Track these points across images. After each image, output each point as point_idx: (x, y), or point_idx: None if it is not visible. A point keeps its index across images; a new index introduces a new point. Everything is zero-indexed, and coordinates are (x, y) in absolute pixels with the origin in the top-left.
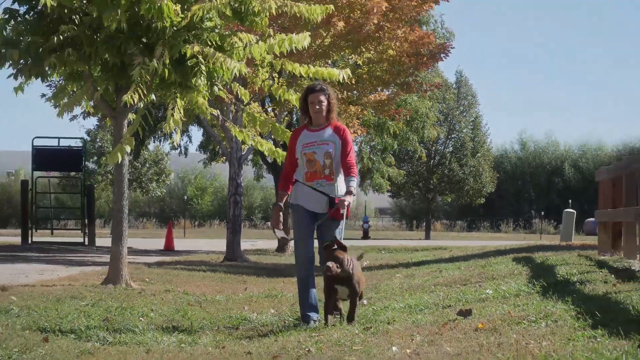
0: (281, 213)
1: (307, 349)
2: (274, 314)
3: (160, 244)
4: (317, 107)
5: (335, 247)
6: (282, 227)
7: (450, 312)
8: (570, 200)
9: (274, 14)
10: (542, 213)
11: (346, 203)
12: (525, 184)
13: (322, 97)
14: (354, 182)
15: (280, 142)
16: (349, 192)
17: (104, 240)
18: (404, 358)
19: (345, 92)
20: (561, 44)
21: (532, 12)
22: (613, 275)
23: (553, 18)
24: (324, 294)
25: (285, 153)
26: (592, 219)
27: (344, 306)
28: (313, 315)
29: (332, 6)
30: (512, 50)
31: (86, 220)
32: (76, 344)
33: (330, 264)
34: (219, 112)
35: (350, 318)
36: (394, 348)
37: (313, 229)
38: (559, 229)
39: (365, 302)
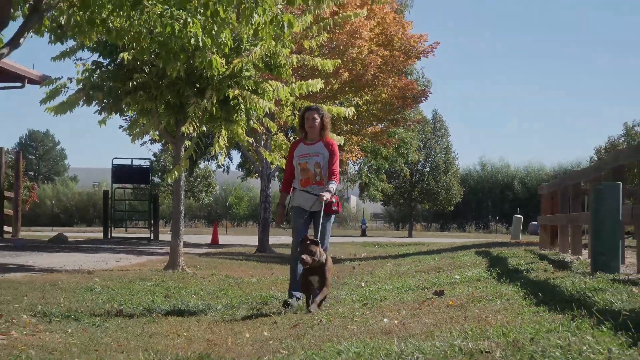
0: (283, 210)
1: (319, 320)
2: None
3: (207, 239)
4: (311, 122)
5: (309, 242)
6: (284, 223)
7: (428, 293)
8: (518, 208)
9: (295, 66)
10: (497, 218)
11: (324, 198)
12: (484, 196)
13: (316, 115)
14: (334, 185)
15: None
16: (327, 190)
17: (165, 236)
18: (393, 327)
19: (349, 125)
20: (514, 86)
21: (494, 67)
22: (551, 266)
23: (511, 70)
24: (301, 286)
25: None
26: (534, 223)
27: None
28: (296, 293)
29: (339, 60)
30: (476, 92)
31: (152, 221)
32: (143, 315)
33: (304, 256)
34: (253, 140)
35: (317, 304)
36: (385, 319)
37: (308, 223)
38: (510, 230)
39: (363, 284)
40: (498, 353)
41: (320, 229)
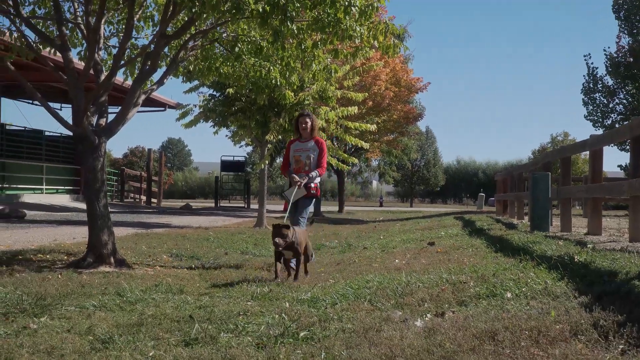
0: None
1: (354, 260)
2: (337, 243)
3: (281, 207)
4: (304, 125)
5: (281, 226)
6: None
7: (423, 243)
8: (481, 189)
9: (338, 97)
10: (467, 195)
11: (298, 180)
12: (459, 181)
13: (308, 120)
14: (315, 174)
15: (341, 159)
16: (307, 176)
17: (254, 205)
18: (402, 265)
19: (372, 135)
20: (481, 105)
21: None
22: (504, 226)
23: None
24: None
25: (342, 164)
26: (492, 198)
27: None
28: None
29: (366, 94)
30: (454, 112)
31: (245, 196)
32: (241, 256)
33: (277, 239)
34: None
35: (295, 277)
36: (396, 260)
37: (295, 207)
38: (476, 203)
39: (381, 237)
40: (472, 283)
41: (301, 207)
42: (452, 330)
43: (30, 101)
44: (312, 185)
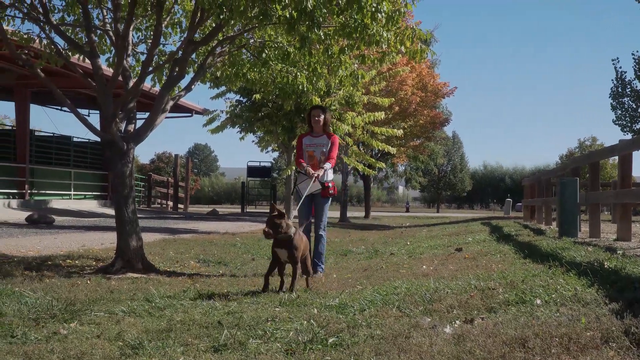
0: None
1: (381, 266)
2: (364, 249)
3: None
4: (317, 118)
5: (275, 214)
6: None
7: (451, 249)
8: (508, 194)
9: (365, 102)
10: (494, 201)
11: (314, 174)
12: (486, 186)
13: (321, 113)
14: (328, 165)
15: (367, 164)
16: (321, 168)
17: None
18: (429, 271)
19: (399, 141)
20: (508, 110)
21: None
22: (532, 232)
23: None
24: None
25: (368, 169)
26: (519, 204)
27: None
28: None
29: (393, 99)
30: (481, 116)
31: (272, 201)
32: (268, 262)
33: (266, 229)
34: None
35: (291, 289)
36: (424, 266)
37: (311, 206)
38: (503, 209)
39: (408, 243)
40: (500, 289)
41: (319, 209)
42: (482, 337)
43: (59, 107)
44: (330, 184)
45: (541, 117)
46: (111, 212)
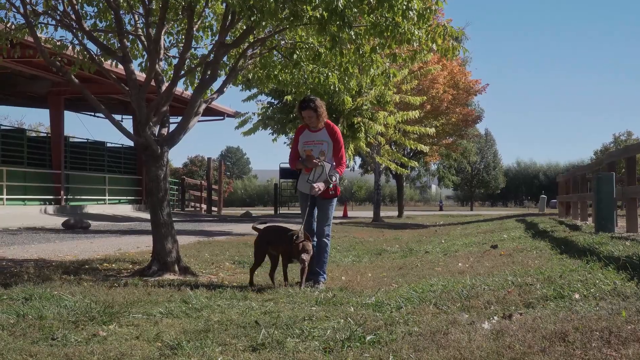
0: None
1: (416, 264)
2: (398, 248)
3: (340, 214)
4: (307, 120)
5: (302, 240)
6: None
7: (486, 246)
8: (542, 191)
9: (397, 101)
10: (528, 197)
11: (315, 190)
12: (520, 183)
13: (312, 112)
14: (336, 176)
15: (400, 163)
16: (325, 181)
17: None
18: (465, 269)
19: (431, 139)
20: (541, 106)
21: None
22: (567, 228)
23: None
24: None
25: (401, 168)
26: (554, 200)
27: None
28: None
29: (424, 97)
30: (513, 113)
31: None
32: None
33: (304, 256)
34: (369, 150)
35: (300, 285)
36: (459, 264)
37: (313, 206)
38: (537, 205)
39: (443, 241)
40: (538, 285)
41: (321, 212)
42: (521, 332)
43: (93, 114)
44: (331, 183)
45: (575, 113)
46: (145, 216)
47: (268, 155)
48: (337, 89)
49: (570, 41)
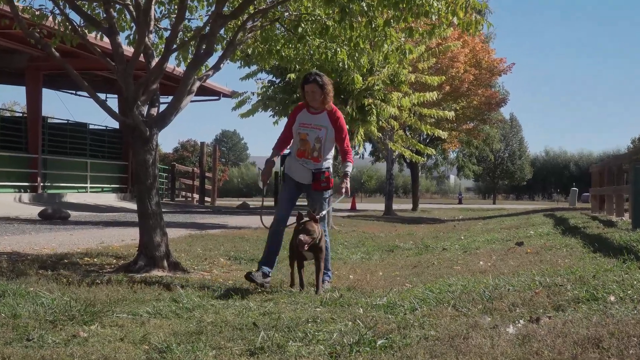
0: (271, 167)
1: (432, 262)
2: (412, 244)
3: (348, 206)
4: (311, 95)
5: (307, 218)
6: (267, 181)
7: (510, 244)
8: (573, 183)
9: (412, 81)
10: (558, 190)
11: (343, 186)
12: (548, 174)
13: (316, 87)
14: (350, 167)
15: (415, 150)
16: (345, 175)
17: None
18: (487, 268)
19: (450, 124)
20: (572, 91)
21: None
22: (601, 224)
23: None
24: (289, 262)
25: (416, 156)
26: (586, 193)
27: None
28: (265, 269)
29: (443, 77)
30: (542, 96)
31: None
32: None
33: (302, 236)
34: (381, 135)
35: (316, 289)
36: (480, 262)
37: (295, 197)
38: (568, 199)
39: (462, 237)
40: (569, 286)
41: (319, 206)
42: (550, 337)
43: (74, 92)
44: (325, 171)
45: (610, 97)
46: (131, 206)
47: (268, 140)
48: (346, 67)
49: (607, 19)
